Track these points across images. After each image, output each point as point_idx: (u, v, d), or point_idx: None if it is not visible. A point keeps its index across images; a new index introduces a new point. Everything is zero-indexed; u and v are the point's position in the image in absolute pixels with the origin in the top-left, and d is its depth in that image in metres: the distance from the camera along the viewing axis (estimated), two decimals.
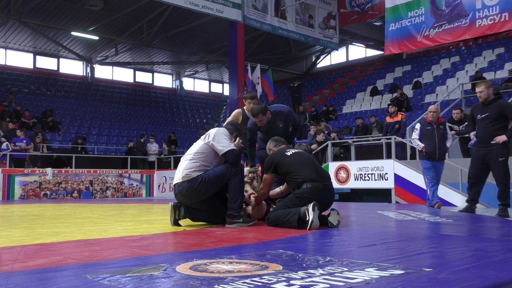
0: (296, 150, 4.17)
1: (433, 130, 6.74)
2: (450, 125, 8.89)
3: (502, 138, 5.34)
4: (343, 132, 14.70)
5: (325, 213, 3.88)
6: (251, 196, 4.39)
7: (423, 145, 6.77)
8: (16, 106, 17.28)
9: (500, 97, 5.69)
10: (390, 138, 9.65)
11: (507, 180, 5.46)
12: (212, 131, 4.19)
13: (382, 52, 16.30)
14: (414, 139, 6.97)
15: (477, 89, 5.60)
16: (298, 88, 18.92)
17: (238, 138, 4.33)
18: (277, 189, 4.45)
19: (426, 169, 6.79)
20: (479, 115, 5.57)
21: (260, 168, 5.07)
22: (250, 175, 4.71)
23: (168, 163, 15.26)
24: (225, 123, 5.74)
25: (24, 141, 13.08)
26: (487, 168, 5.55)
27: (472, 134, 5.82)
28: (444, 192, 7.71)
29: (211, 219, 4.18)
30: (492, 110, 5.44)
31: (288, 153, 4.07)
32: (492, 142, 5.38)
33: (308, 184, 3.83)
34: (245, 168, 4.93)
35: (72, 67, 23.08)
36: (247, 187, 4.56)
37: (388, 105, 11.75)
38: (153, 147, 15.60)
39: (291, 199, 3.89)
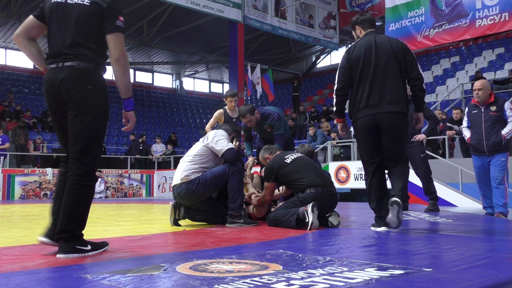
0: (296, 156, 4.12)
1: (480, 114, 5.27)
2: (449, 125, 8.90)
3: (421, 136, 5.73)
4: None
5: None
6: (252, 196, 4.39)
7: (468, 135, 5.44)
8: (16, 106, 17.28)
9: None
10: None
11: (429, 175, 5.84)
12: (211, 133, 4.20)
13: None
14: (463, 127, 5.65)
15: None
16: (298, 87, 18.94)
17: (235, 139, 4.33)
18: (277, 192, 4.45)
19: (474, 168, 5.51)
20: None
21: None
22: (250, 170, 4.73)
23: (168, 163, 15.27)
24: (207, 126, 5.74)
25: (0, 139, 13.03)
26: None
27: None
28: (443, 192, 7.72)
29: (211, 219, 4.18)
30: (411, 108, 5.68)
31: (288, 160, 4.02)
32: (412, 140, 5.71)
33: (312, 189, 3.82)
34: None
35: None
36: (249, 187, 4.56)
37: None
38: (159, 147, 15.61)
39: (294, 202, 3.88)
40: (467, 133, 5.46)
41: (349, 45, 3.65)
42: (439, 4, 11.45)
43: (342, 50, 23.88)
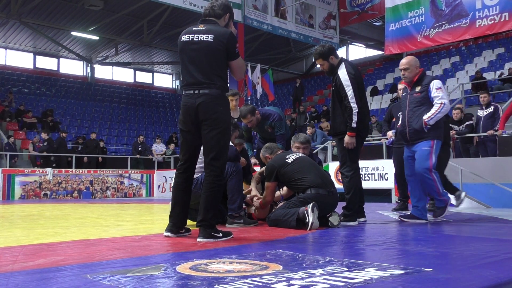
0: (297, 156, 4.12)
1: (407, 96, 4.47)
2: (450, 125, 8.89)
3: None
4: None
5: None
6: (254, 199, 4.37)
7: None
8: (20, 106, 17.28)
9: None
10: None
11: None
12: None
13: (382, 52, 16.30)
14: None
15: (400, 86, 5.72)
16: (300, 88, 18.94)
17: (236, 140, 4.32)
18: (278, 193, 4.44)
19: (404, 159, 4.59)
20: (399, 113, 5.71)
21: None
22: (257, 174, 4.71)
23: (168, 163, 15.27)
24: None
25: None
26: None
27: (391, 133, 5.98)
28: None
29: None
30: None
31: (289, 160, 4.02)
32: None
33: (312, 190, 3.82)
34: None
35: (72, 67, 23.08)
36: (252, 188, 4.53)
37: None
38: (159, 147, 15.61)
39: (294, 202, 3.88)
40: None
41: (343, 66, 4.15)
42: (439, 4, 11.44)
43: (342, 50, 23.92)
